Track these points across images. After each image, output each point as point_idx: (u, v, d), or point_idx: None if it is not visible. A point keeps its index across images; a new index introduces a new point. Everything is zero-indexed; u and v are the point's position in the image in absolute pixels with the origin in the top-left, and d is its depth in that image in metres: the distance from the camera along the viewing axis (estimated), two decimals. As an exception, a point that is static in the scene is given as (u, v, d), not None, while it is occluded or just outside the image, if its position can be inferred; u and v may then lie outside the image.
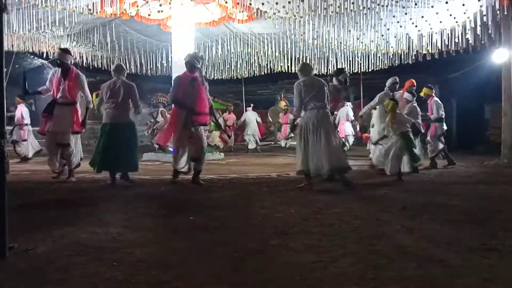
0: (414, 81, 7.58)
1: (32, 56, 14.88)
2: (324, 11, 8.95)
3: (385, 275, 2.19)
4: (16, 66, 12.74)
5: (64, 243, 2.82)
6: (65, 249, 2.67)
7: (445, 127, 8.47)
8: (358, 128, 12.57)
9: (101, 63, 13.80)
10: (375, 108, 7.41)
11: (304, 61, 13.19)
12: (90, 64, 13.69)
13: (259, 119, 15.58)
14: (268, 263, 2.39)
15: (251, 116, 15.66)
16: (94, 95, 9.83)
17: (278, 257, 2.50)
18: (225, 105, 16.17)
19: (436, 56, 10.52)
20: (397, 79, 7.26)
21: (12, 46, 11.41)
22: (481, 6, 8.14)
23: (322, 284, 2.06)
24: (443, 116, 8.39)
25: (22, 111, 10.20)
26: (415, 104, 7.47)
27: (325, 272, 2.23)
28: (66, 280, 2.12)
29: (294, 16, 9.60)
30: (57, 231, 3.13)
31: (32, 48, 12.18)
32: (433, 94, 8.61)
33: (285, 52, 13.06)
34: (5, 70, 2.64)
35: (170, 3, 10.46)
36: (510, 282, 2.13)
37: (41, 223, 3.38)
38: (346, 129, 13.40)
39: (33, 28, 10.04)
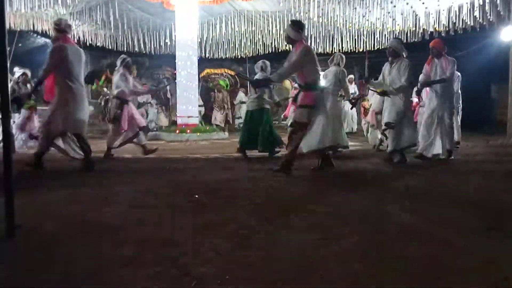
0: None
1: (35, 35, 14.78)
2: (330, -12, 8.81)
3: (388, 254, 2.21)
4: (20, 45, 12.66)
5: (70, 222, 2.86)
6: (71, 228, 2.72)
7: None
8: None
9: (103, 41, 13.71)
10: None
11: (309, 39, 13.07)
12: (93, 43, 13.61)
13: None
14: (272, 241, 2.42)
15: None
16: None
17: (282, 236, 2.53)
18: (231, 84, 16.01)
19: (443, 34, 10.36)
20: None
21: (15, 24, 11.33)
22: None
23: (326, 262, 2.09)
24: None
25: None
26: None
27: (328, 250, 2.25)
28: (74, 259, 2.16)
29: (299, -7, 9.45)
30: (63, 211, 3.18)
31: (35, 26, 12.09)
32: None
33: (290, 30, 12.89)
34: (8, 49, 2.62)
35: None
36: (513, 261, 2.14)
37: (46, 203, 3.42)
38: None
39: (35, 7, 9.95)
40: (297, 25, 5.08)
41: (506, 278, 1.91)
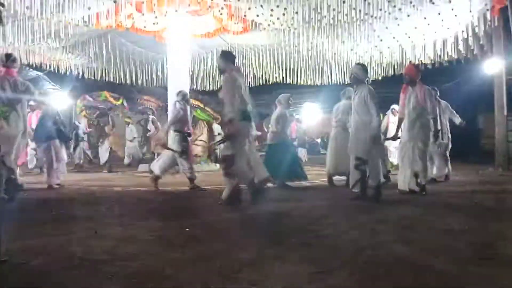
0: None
1: (27, 68, 14.85)
2: (318, 22, 9.06)
3: (383, 286, 2.18)
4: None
5: (59, 256, 2.79)
6: (60, 262, 2.65)
7: None
8: None
9: (96, 74, 13.82)
10: None
11: (299, 72, 13.32)
12: (86, 76, 13.72)
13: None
14: (264, 275, 2.38)
15: None
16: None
17: (274, 269, 2.49)
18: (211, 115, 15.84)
19: (429, 66, 10.63)
20: None
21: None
22: (472, 17, 8.27)
23: (320, 296, 2.05)
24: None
25: None
26: None
27: (323, 284, 2.22)
28: (61, 294, 2.10)
29: (289, 27, 9.71)
30: (52, 245, 3.10)
31: (28, 60, 12.17)
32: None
33: (280, 63, 13.16)
34: None
35: (165, 15, 10.52)
36: (507, 292, 2.13)
37: (34, 236, 3.35)
38: None
39: (28, 40, 10.05)
40: (224, 55, 5.21)
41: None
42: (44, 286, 2.22)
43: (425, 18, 8.78)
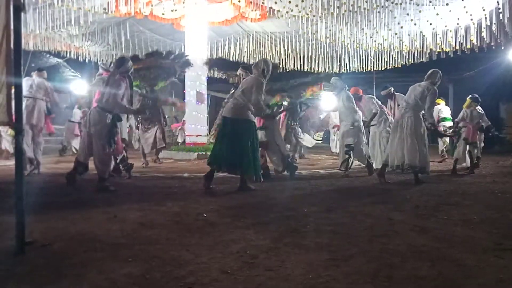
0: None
1: (47, 55, 15.10)
2: (337, 9, 8.94)
3: (399, 274, 2.18)
4: (32, 65, 12.95)
5: (80, 240, 2.87)
6: (81, 245, 2.73)
7: None
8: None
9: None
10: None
11: (317, 59, 13.18)
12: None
13: None
14: (280, 261, 2.40)
15: None
16: None
17: (290, 255, 2.51)
18: None
19: (450, 55, 10.40)
20: None
21: (28, 45, 11.60)
22: (497, 3, 8.03)
23: (336, 283, 2.07)
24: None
25: None
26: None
27: (338, 271, 2.24)
28: (83, 276, 2.16)
29: (307, 14, 9.61)
30: (73, 228, 3.19)
31: (48, 47, 12.37)
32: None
33: (298, 50, 13.06)
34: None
35: (184, 2, 10.52)
36: (526, 283, 2.11)
37: (56, 220, 3.44)
38: None
39: (49, 28, 10.21)
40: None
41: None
42: (66, 267, 2.29)
43: (447, 4, 8.58)
